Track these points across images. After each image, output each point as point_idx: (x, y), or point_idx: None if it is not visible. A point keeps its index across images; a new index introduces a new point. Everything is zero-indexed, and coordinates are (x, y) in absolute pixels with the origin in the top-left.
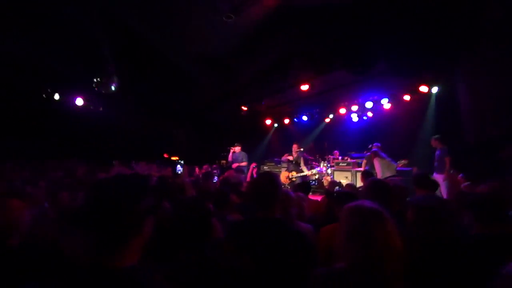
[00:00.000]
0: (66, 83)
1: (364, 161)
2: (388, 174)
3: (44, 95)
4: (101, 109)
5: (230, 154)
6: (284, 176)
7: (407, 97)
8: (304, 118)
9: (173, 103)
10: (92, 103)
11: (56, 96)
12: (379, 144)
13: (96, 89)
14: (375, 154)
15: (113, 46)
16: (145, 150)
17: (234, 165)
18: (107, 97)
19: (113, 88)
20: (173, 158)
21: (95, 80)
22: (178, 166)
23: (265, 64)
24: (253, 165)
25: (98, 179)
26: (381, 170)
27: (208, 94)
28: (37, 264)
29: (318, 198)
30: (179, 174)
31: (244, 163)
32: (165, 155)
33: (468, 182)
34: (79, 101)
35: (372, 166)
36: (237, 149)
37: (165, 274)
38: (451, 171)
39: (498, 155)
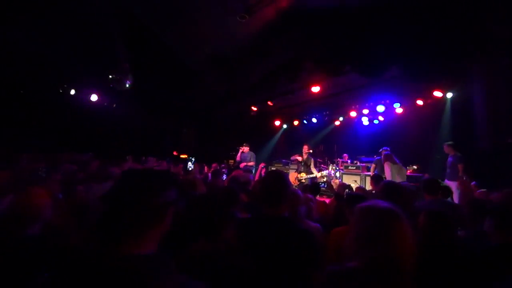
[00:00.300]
0: (82, 79)
1: (373, 165)
2: (398, 179)
3: (60, 90)
4: (114, 105)
5: (239, 153)
6: (293, 177)
7: (420, 102)
8: (314, 120)
9: (182, 102)
10: (106, 100)
11: (72, 92)
12: (388, 148)
13: (111, 85)
14: (387, 158)
15: (128, 43)
16: (154, 147)
17: (242, 165)
18: (119, 93)
19: (127, 85)
20: (182, 156)
21: (110, 76)
22: (189, 163)
23: (275, 65)
24: (262, 165)
25: (128, 170)
26: (391, 174)
27: (217, 93)
28: (54, 254)
29: (326, 200)
30: (190, 171)
31: (251, 163)
32: (175, 153)
33: (483, 190)
34: (94, 97)
35: (382, 170)
36: (246, 149)
37: (177, 262)
38: (464, 178)
39: None
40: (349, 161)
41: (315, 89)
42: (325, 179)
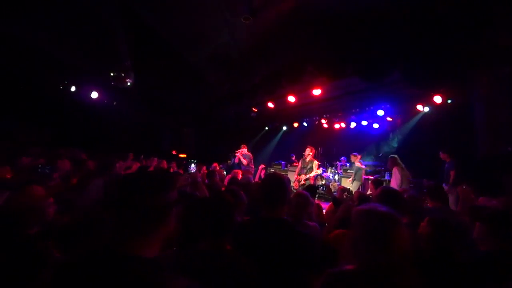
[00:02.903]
0: (83, 76)
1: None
2: (406, 184)
3: (61, 87)
4: (115, 103)
5: (237, 156)
6: (292, 178)
7: (420, 107)
8: (315, 122)
9: (183, 101)
10: (107, 97)
11: (72, 88)
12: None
13: (112, 83)
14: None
15: (130, 41)
16: (154, 145)
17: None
18: (120, 91)
19: (128, 83)
20: (181, 156)
21: (111, 74)
22: (192, 165)
23: (277, 67)
24: (262, 166)
25: (130, 172)
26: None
27: (219, 93)
28: (53, 255)
29: (322, 204)
30: (192, 173)
31: (246, 162)
32: (174, 152)
33: (483, 197)
34: (94, 94)
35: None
36: (244, 150)
37: (182, 262)
38: (464, 186)
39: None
40: (347, 164)
41: (317, 91)
42: (323, 182)
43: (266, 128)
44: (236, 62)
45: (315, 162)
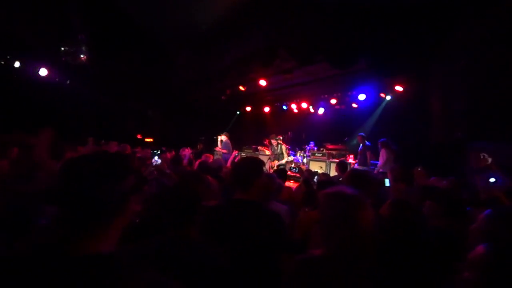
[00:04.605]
0: (29, 50)
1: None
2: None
3: (2, 62)
4: (68, 82)
5: (218, 142)
6: (268, 165)
7: (383, 95)
8: (284, 107)
9: (149, 82)
10: (58, 75)
11: (16, 64)
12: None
13: (63, 59)
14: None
15: (84, 13)
16: (115, 129)
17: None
18: (73, 69)
19: (82, 58)
20: (148, 140)
21: (62, 49)
22: (156, 158)
23: (249, 49)
24: (235, 153)
25: (74, 157)
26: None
27: (187, 75)
28: None
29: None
30: (158, 165)
31: (224, 151)
32: (139, 136)
33: (434, 178)
34: (43, 71)
35: (365, 157)
36: (224, 138)
37: (145, 254)
38: (419, 169)
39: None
40: (315, 148)
41: (287, 76)
42: (293, 165)
43: (238, 112)
44: (205, 42)
45: (283, 147)
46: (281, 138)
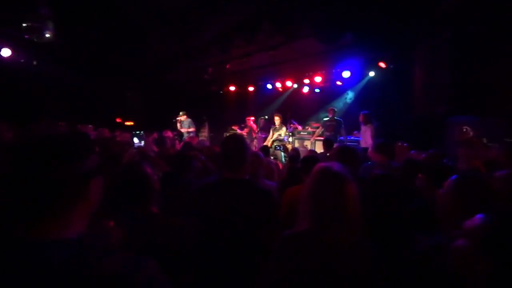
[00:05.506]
0: None
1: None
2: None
3: None
4: (35, 63)
5: (178, 124)
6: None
7: (369, 72)
8: (269, 86)
9: (125, 60)
10: (23, 55)
11: None
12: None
13: (26, 36)
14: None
15: None
16: (92, 113)
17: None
18: (40, 48)
19: (47, 35)
20: (128, 123)
21: (24, 25)
22: (135, 139)
23: (231, 24)
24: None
25: (23, 138)
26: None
27: (166, 52)
28: None
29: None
30: (140, 147)
31: (192, 129)
32: (118, 120)
33: (414, 151)
34: (6, 52)
35: (337, 132)
36: (183, 117)
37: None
38: (399, 143)
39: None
40: (299, 126)
41: (272, 53)
42: (279, 143)
43: (221, 92)
44: (183, 16)
45: (284, 129)
46: (266, 117)
